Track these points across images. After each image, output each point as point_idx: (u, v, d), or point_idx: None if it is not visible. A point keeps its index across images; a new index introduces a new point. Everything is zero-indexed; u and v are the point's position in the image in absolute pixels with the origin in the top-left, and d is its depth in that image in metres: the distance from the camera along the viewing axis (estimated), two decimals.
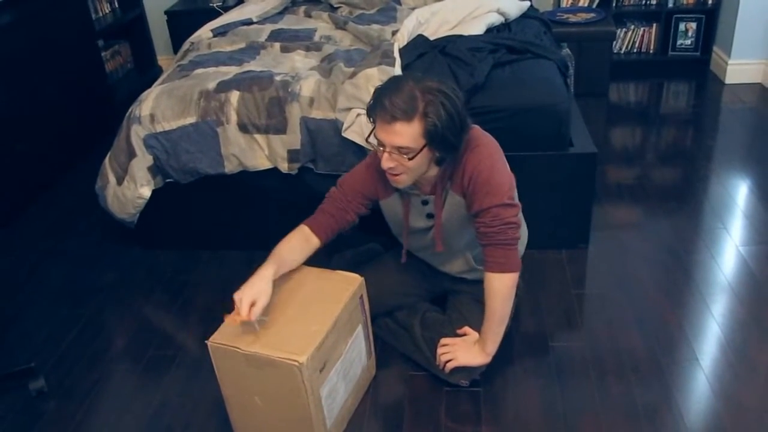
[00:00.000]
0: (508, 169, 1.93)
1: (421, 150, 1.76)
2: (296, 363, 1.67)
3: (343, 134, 2.42)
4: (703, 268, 2.53)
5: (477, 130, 1.92)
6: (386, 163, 1.80)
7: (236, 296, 1.78)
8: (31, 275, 2.76)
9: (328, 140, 2.46)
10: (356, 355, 1.99)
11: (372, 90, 2.38)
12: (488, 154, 1.87)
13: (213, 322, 1.83)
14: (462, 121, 1.76)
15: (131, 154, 2.56)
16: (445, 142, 1.76)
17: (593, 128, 2.72)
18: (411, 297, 2.23)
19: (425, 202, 2.00)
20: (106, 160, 2.67)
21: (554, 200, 2.54)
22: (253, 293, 1.77)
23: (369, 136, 1.84)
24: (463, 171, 1.87)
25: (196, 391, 2.14)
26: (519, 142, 2.44)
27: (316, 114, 2.47)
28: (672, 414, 1.95)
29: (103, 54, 4.09)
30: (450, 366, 1.99)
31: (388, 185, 1.94)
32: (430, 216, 2.02)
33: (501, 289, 1.90)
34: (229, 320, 1.77)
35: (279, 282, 1.90)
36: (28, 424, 2.06)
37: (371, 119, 1.80)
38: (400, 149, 1.76)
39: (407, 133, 1.72)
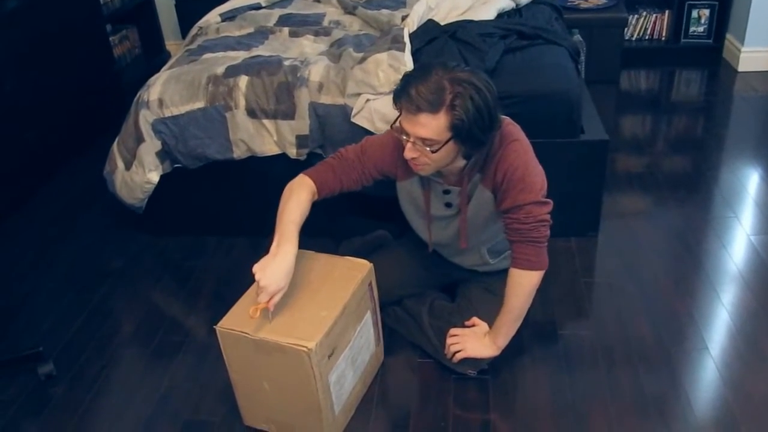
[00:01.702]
0: (540, 166, 1.88)
1: (446, 143, 1.69)
2: (305, 349, 1.67)
3: (352, 120, 2.40)
4: (714, 256, 2.52)
5: (511, 126, 1.86)
6: (409, 153, 1.74)
7: (258, 276, 1.71)
8: (39, 261, 2.76)
9: (337, 126, 2.45)
10: (364, 341, 1.98)
11: (381, 75, 2.39)
12: (524, 151, 1.82)
13: (221, 308, 1.83)
14: (491, 117, 1.69)
15: (139, 139, 2.56)
16: (472, 137, 1.69)
17: (604, 116, 2.69)
18: (419, 287, 2.22)
19: (447, 192, 1.94)
20: (114, 145, 2.66)
21: (564, 187, 2.50)
22: (277, 283, 1.71)
23: (395, 122, 1.77)
24: (496, 166, 1.81)
25: (204, 376, 2.14)
26: (530, 128, 2.39)
27: (325, 99, 2.45)
28: (681, 403, 1.94)
29: (111, 39, 4.07)
30: (459, 357, 1.98)
31: (410, 168, 1.87)
32: (448, 205, 1.97)
33: (526, 286, 1.88)
34: (253, 312, 1.73)
35: None
36: (37, 408, 2.07)
37: (397, 106, 1.73)
38: (424, 140, 1.69)
39: (432, 125, 1.66)
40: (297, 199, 1.87)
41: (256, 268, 1.73)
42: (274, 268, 1.72)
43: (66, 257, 2.78)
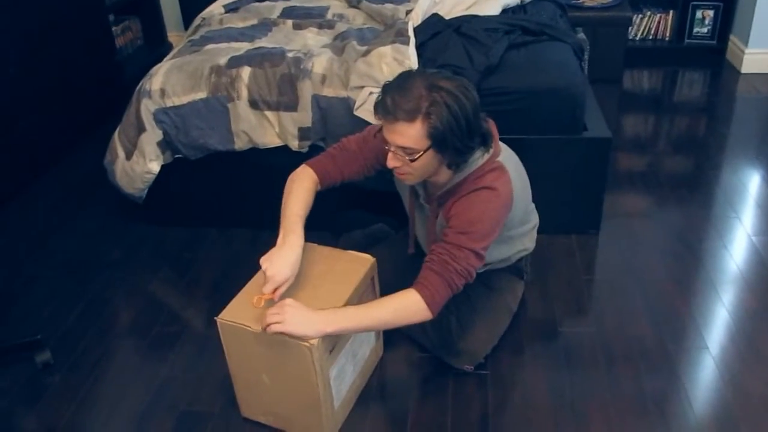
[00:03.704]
0: (498, 225, 1.80)
1: (425, 152, 1.67)
2: (307, 344, 1.65)
3: (354, 113, 2.39)
4: (715, 256, 2.51)
5: (498, 171, 1.78)
6: (391, 162, 1.73)
7: (265, 266, 1.70)
8: (38, 250, 2.75)
9: (340, 118, 2.44)
10: (365, 336, 1.97)
11: (385, 68, 2.38)
12: (490, 201, 1.76)
13: (219, 300, 1.82)
14: (469, 124, 1.65)
15: (140, 129, 2.54)
16: (450, 146, 1.66)
17: (606, 115, 2.68)
18: None
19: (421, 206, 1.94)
20: (116, 134, 2.65)
21: (566, 185, 2.51)
22: (283, 276, 1.70)
23: (378, 131, 1.75)
24: (456, 201, 1.79)
25: (202, 368, 2.13)
26: (533, 125, 2.42)
27: (328, 92, 2.44)
28: (681, 401, 1.93)
29: (113, 29, 4.05)
30: (272, 329, 1.66)
31: None
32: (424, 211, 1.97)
33: (404, 309, 1.73)
34: (257, 302, 1.73)
35: None
36: (33, 396, 2.06)
37: (377, 116, 1.71)
38: (404, 149, 1.68)
39: (409, 133, 1.64)
40: (300, 190, 1.87)
41: (263, 259, 1.73)
42: (282, 259, 1.72)
43: (65, 246, 2.76)
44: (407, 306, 1.73)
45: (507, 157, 1.87)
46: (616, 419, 1.89)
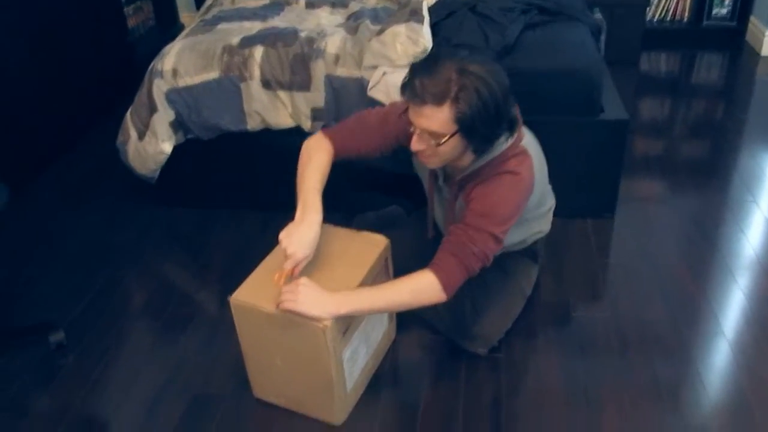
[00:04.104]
0: (519, 210, 1.77)
1: (451, 137, 1.62)
2: (320, 325, 1.65)
3: (368, 93, 2.37)
4: (731, 241, 2.48)
5: (521, 156, 1.75)
6: (415, 145, 1.69)
7: (286, 245, 1.69)
8: (52, 233, 2.75)
9: (353, 99, 2.41)
10: (378, 318, 1.96)
11: (399, 47, 2.35)
12: (512, 186, 1.73)
13: (231, 282, 1.81)
14: (499, 112, 1.61)
15: (153, 109, 2.53)
16: (477, 132, 1.62)
17: (622, 98, 2.64)
18: None
19: (440, 188, 1.91)
20: (128, 114, 2.64)
21: (582, 167, 2.48)
22: (303, 253, 1.70)
23: (403, 112, 1.72)
24: (476, 185, 1.76)
25: (215, 350, 2.13)
26: (549, 106, 2.38)
27: (341, 72, 2.41)
28: (695, 387, 1.92)
29: (125, 9, 4.03)
30: (283, 307, 1.66)
31: None
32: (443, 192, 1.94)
33: (423, 288, 1.71)
34: (278, 278, 1.72)
35: None
36: (47, 378, 2.07)
37: (403, 97, 1.67)
38: (429, 133, 1.65)
39: (436, 117, 1.60)
40: (317, 162, 1.84)
41: (283, 235, 1.71)
42: (301, 235, 1.71)
43: (78, 229, 2.76)
44: (422, 288, 1.71)
45: (529, 140, 1.84)
46: (630, 405, 1.88)
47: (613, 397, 1.90)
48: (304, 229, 1.72)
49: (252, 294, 1.75)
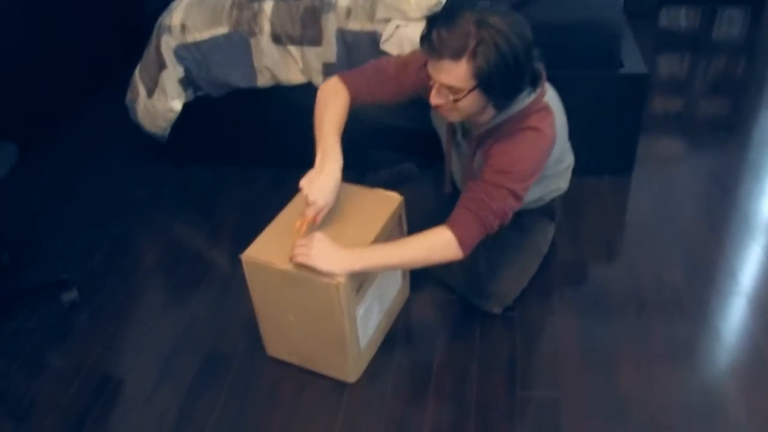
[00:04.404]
0: (540, 165, 1.73)
1: (470, 92, 1.58)
2: (333, 282, 1.62)
3: (381, 47, 2.31)
4: (752, 199, 2.43)
5: (543, 112, 1.70)
6: (434, 99, 1.64)
7: (307, 192, 1.68)
8: (63, 191, 2.73)
9: (366, 53, 2.35)
10: (391, 276, 1.94)
11: (412, 0, 2.28)
12: (533, 143, 1.68)
13: (243, 240, 1.78)
14: (519, 67, 1.55)
15: (161, 66, 2.49)
16: (496, 87, 1.57)
17: (641, 53, 2.56)
18: None
19: (459, 143, 1.87)
20: (136, 71, 2.60)
21: (600, 123, 2.42)
22: (327, 198, 1.69)
23: (423, 65, 1.66)
24: (495, 141, 1.71)
25: (227, 308, 2.12)
26: (567, 59, 2.31)
27: (354, 26, 2.35)
28: (713, 346, 1.89)
29: None
30: (297, 261, 1.65)
31: None
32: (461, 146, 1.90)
33: (439, 245, 1.67)
34: (299, 225, 1.70)
35: None
36: (60, 336, 2.07)
37: (422, 50, 1.62)
38: (448, 88, 1.60)
39: (455, 72, 1.55)
40: (334, 107, 1.80)
41: (303, 182, 1.70)
42: (322, 182, 1.69)
43: (89, 188, 2.75)
44: (438, 245, 1.68)
45: (551, 96, 1.79)
46: (646, 365, 1.85)
47: (629, 356, 1.88)
48: (324, 176, 1.70)
49: (264, 251, 1.73)
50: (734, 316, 1.99)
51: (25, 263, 2.35)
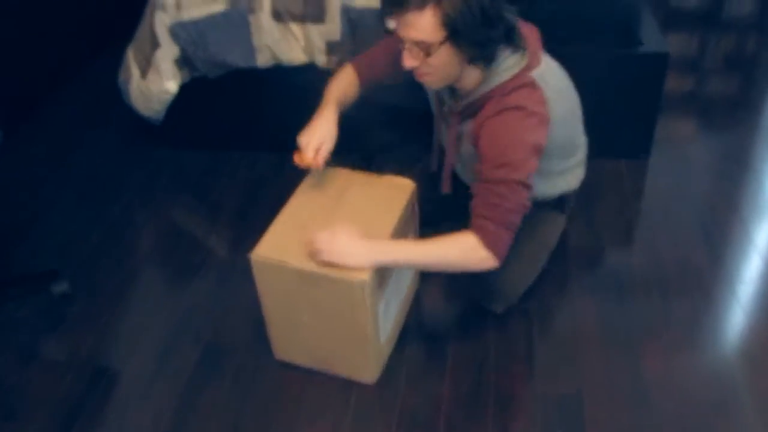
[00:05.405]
0: (531, 145, 1.59)
1: (441, 44, 1.50)
2: (358, 280, 1.51)
3: (387, 25, 2.20)
4: None
5: (528, 89, 1.59)
6: (407, 60, 1.57)
7: (302, 140, 1.71)
8: (52, 174, 2.62)
9: (372, 31, 2.25)
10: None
11: None
12: (517, 123, 1.57)
13: (243, 227, 1.70)
14: (485, 13, 1.47)
15: (155, 45, 2.37)
16: (466, 36, 1.49)
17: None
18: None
19: (446, 119, 1.79)
20: (129, 50, 2.49)
21: (617, 104, 2.33)
22: (319, 136, 1.70)
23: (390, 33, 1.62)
24: (481, 127, 1.61)
25: (226, 296, 2.03)
26: (583, 36, 2.22)
27: (359, 2, 2.25)
28: (738, 327, 1.83)
29: None
30: (320, 258, 1.57)
31: None
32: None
33: (460, 253, 1.58)
34: (297, 159, 1.71)
35: (323, 186, 1.76)
36: (54, 325, 1.97)
37: (385, 9, 1.56)
38: (417, 44, 1.52)
39: (420, 24, 1.48)
40: (339, 80, 1.86)
41: (300, 135, 1.72)
42: (312, 126, 1.73)
43: (80, 171, 2.64)
44: (461, 250, 1.58)
45: (548, 73, 1.66)
46: (671, 350, 1.79)
47: (653, 346, 1.81)
48: (317, 121, 1.74)
49: (275, 249, 1.61)
50: (760, 296, 1.93)
51: (14, 251, 2.24)
